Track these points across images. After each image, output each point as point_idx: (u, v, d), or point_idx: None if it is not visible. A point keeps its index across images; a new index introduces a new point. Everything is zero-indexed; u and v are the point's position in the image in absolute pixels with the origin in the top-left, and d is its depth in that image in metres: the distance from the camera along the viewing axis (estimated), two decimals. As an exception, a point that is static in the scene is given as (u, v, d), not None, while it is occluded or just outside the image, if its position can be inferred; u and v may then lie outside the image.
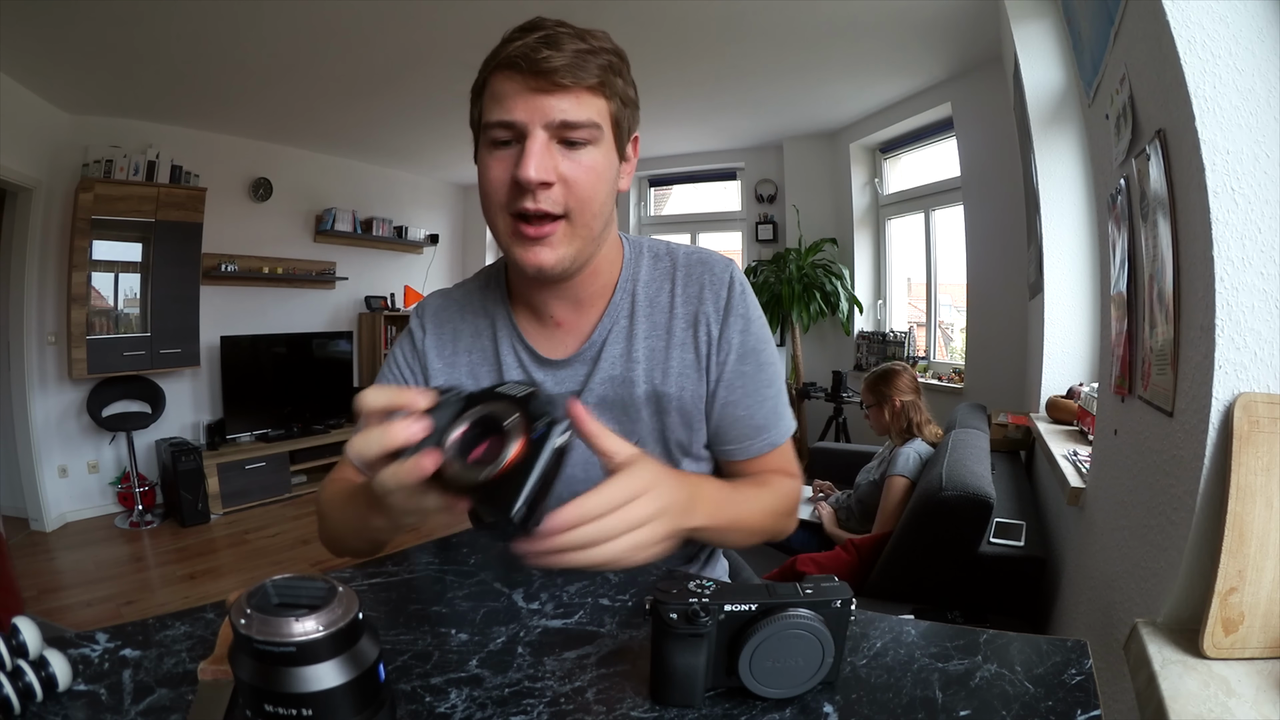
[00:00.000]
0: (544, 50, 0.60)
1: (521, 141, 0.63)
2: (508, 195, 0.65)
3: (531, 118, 0.62)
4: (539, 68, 0.61)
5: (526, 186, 0.63)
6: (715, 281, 0.76)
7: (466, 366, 0.78)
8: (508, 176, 0.64)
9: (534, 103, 0.62)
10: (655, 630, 0.44)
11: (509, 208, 0.65)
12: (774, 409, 0.78)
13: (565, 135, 0.63)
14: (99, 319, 3.74)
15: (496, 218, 0.67)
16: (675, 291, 0.76)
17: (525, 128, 0.62)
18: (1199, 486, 0.69)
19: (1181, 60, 0.72)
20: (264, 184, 4.58)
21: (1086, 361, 2.25)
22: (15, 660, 0.44)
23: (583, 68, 0.62)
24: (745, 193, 5.08)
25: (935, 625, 0.55)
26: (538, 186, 0.63)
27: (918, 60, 3.31)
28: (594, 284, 0.75)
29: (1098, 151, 1.30)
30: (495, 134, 0.64)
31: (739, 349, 0.75)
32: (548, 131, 0.63)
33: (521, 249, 0.67)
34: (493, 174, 0.65)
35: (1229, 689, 0.61)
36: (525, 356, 0.76)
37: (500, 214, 0.66)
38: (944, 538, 1.56)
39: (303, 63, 3.16)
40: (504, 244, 0.69)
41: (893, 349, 4.21)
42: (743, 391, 0.76)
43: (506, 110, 0.62)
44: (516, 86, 0.62)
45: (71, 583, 3.05)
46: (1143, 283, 0.96)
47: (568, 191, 0.64)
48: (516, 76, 0.62)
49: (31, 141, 3.40)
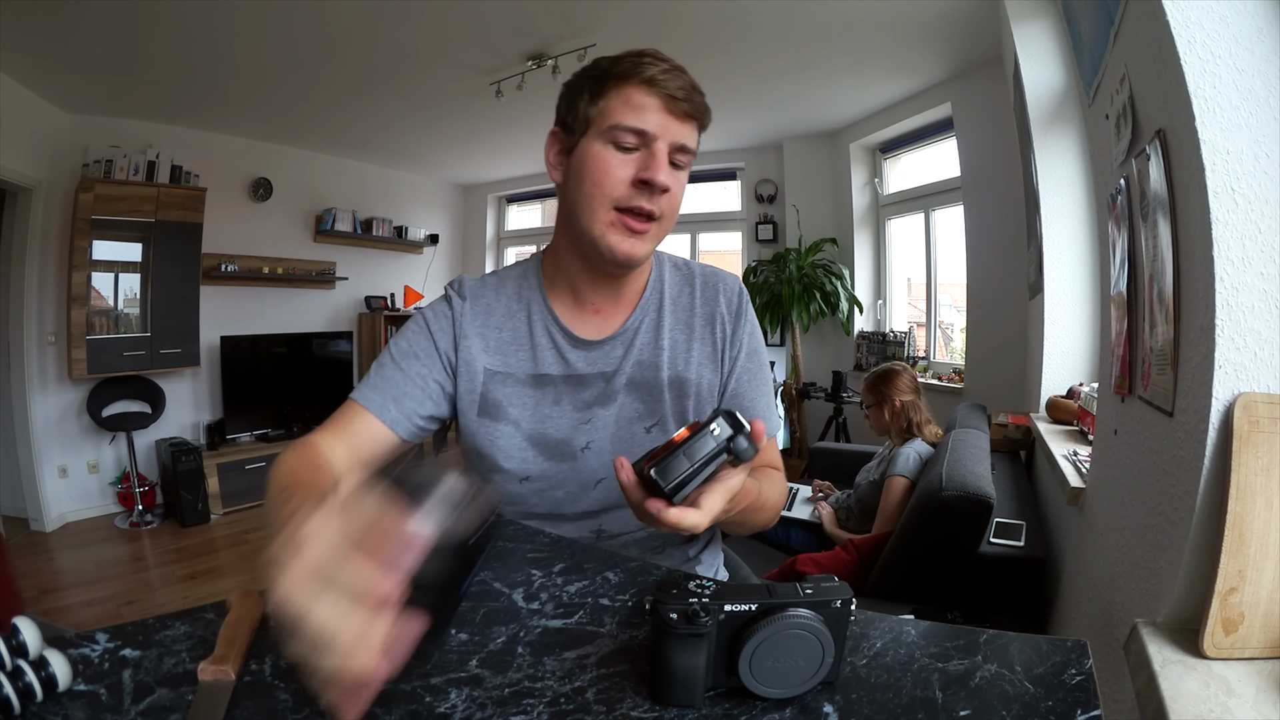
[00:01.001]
0: (679, 80, 0.72)
1: (643, 150, 0.73)
2: (624, 191, 0.73)
3: (664, 133, 0.72)
4: (676, 95, 0.72)
5: (655, 188, 0.72)
6: (728, 290, 0.88)
7: (496, 342, 0.83)
8: (628, 175, 0.73)
9: (666, 122, 0.72)
10: (655, 630, 0.44)
11: (621, 202, 0.73)
12: (768, 405, 0.89)
13: (676, 157, 0.74)
14: (99, 319, 3.74)
15: (598, 207, 0.74)
16: (695, 294, 0.87)
17: (655, 139, 0.72)
18: (1199, 486, 0.69)
19: (1181, 60, 0.72)
20: (264, 184, 4.58)
21: (1086, 361, 2.25)
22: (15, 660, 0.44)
23: (697, 105, 0.74)
24: (745, 193, 5.08)
25: (935, 625, 0.55)
26: (662, 191, 0.73)
27: (918, 60, 3.31)
28: (636, 280, 0.85)
29: (1098, 151, 1.30)
30: (624, 137, 0.72)
31: (748, 348, 0.88)
32: (670, 148, 0.73)
33: (619, 238, 0.74)
34: (613, 171, 0.73)
35: (1229, 689, 0.61)
36: (560, 337, 0.83)
37: (605, 205, 0.74)
38: (944, 538, 1.56)
39: (303, 63, 3.16)
40: (597, 232, 0.75)
41: (893, 349, 4.21)
42: (749, 384, 0.87)
43: (644, 120, 0.72)
44: (656, 104, 0.72)
45: (71, 583, 3.05)
46: (1143, 283, 0.96)
47: (668, 201, 0.75)
48: (658, 95, 0.72)
49: (31, 141, 3.40)
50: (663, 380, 0.83)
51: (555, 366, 0.82)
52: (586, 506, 0.83)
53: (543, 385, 0.82)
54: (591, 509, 0.83)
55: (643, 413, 0.83)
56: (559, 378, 0.82)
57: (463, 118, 4.09)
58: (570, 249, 0.81)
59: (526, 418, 0.82)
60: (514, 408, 0.82)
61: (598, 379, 0.83)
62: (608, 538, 0.83)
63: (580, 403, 0.82)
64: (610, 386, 0.83)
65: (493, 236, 6.35)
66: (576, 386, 0.82)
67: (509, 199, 6.30)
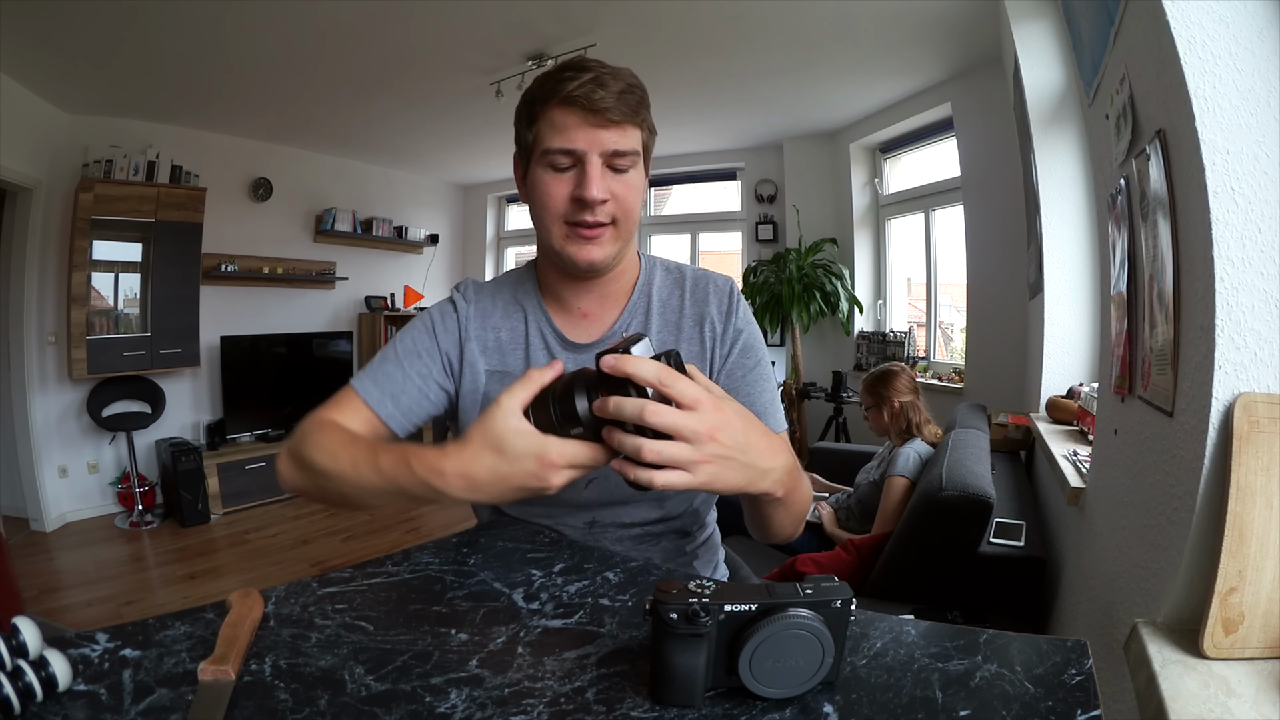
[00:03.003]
0: (598, 91, 0.72)
1: (578, 166, 0.75)
2: (567, 209, 0.76)
3: (590, 147, 0.74)
4: (596, 106, 0.72)
5: (590, 203, 0.74)
6: (718, 291, 0.89)
7: (495, 343, 0.87)
8: (567, 194, 0.76)
9: (592, 135, 0.74)
10: (655, 630, 0.44)
11: (567, 217, 0.77)
12: (771, 400, 0.87)
13: (614, 162, 0.75)
14: (99, 319, 3.74)
15: (552, 225, 0.78)
16: (684, 297, 0.89)
17: (585, 155, 0.74)
18: (1199, 486, 0.69)
19: (1181, 60, 0.72)
20: (264, 184, 4.58)
21: (1086, 361, 2.25)
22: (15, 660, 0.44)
23: (627, 106, 0.74)
24: (745, 193, 5.08)
25: (935, 625, 0.55)
26: (599, 204, 0.75)
27: (918, 60, 3.31)
28: (618, 282, 0.87)
29: (1098, 151, 1.30)
30: (556, 159, 0.75)
31: (741, 344, 0.87)
32: (602, 159, 0.74)
33: (576, 247, 0.78)
34: (553, 191, 0.76)
35: (1229, 689, 0.61)
36: (552, 339, 0.86)
37: (556, 222, 0.78)
38: (944, 538, 1.56)
39: (303, 63, 3.16)
40: (557, 246, 0.79)
41: (893, 349, 4.21)
42: (742, 380, 0.87)
43: (569, 140, 0.74)
44: (577, 120, 0.73)
45: (71, 583, 3.05)
46: (1143, 283, 0.96)
47: (616, 205, 0.77)
48: (576, 112, 0.73)
49: (31, 141, 3.40)
50: None
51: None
52: (581, 502, 0.84)
53: None
54: (586, 503, 0.85)
55: None
56: None
57: (463, 118, 4.09)
58: (546, 260, 0.86)
59: None
60: None
61: None
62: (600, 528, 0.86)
63: None
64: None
65: (493, 236, 6.35)
66: None
67: (509, 199, 6.30)
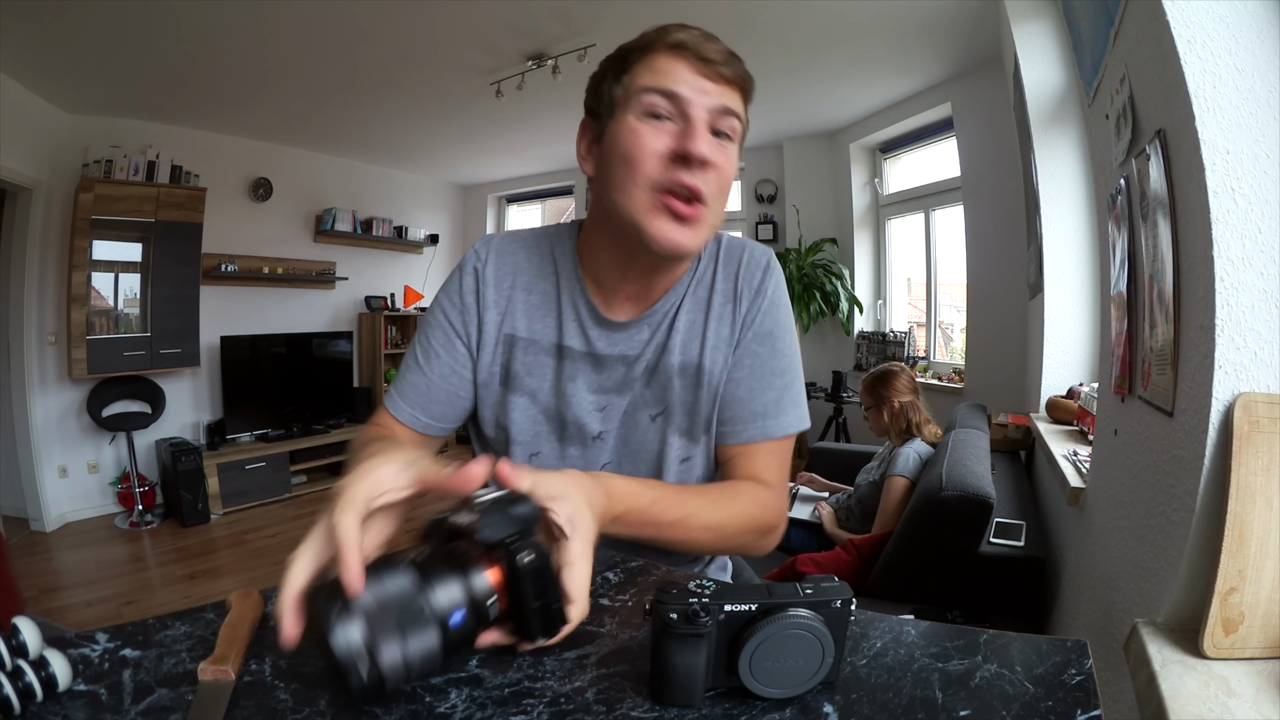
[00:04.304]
0: (710, 43, 0.63)
1: (679, 119, 0.63)
2: (662, 167, 0.63)
3: (698, 98, 0.63)
4: (709, 55, 0.62)
5: (696, 161, 0.62)
6: (753, 262, 0.77)
7: (524, 305, 0.76)
8: (664, 148, 0.63)
9: (701, 85, 0.63)
10: (655, 630, 0.44)
11: (660, 180, 0.63)
12: (777, 400, 0.76)
13: (718, 124, 0.64)
14: (99, 319, 3.74)
15: (635, 190, 0.64)
16: (717, 268, 0.77)
17: (690, 104, 0.63)
18: (1199, 486, 0.69)
19: (1181, 60, 0.72)
20: (264, 184, 4.58)
21: (1086, 361, 2.25)
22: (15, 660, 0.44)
23: (737, 68, 0.65)
24: (745, 193, 5.08)
25: (935, 625, 0.55)
26: (704, 165, 0.62)
27: (918, 60, 3.31)
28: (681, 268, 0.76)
29: (1098, 151, 1.30)
30: (653, 102, 0.63)
31: (757, 328, 0.76)
32: (709, 115, 0.63)
33: (665, 225, 0.64)
34: (645, 143, 0.63)
35: (1229, 689, 0.61)
36: (585, 311, 0.75)
37: (642, 186, 0.64)
38: (944, 538, 1.56)
39: (303, 63, 3.16)
40: (638, 217, 0.64)
41: (893, 349, 4.21)
42: (749, 371, 0.76)
43: (673, 82, 0.63)
44: (685, 67, 0.63)
45: (71, 583, 3.05)
46: (1143, 283, 0.96)
47: (718, 178, 0.65)
48: (685, 57, 0.63)
49: (31, 141, 3.40)
50: (672, 365, 0.75)
51: (577, 341, 0.75)
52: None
53: (563, 358, 0.76)
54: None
55: (650, 400, 0.76)
56: (579, 353, 0.75)
57: (463, 118, 4.09)
58: (607, 238, 0.72)
59: (544, 390, 0.76)
60: (532, 377, 0.76)
61: (618, 363, 0.76)
62: None
63: (596, 386, 0.76)
64: (630, 373, 0.76)
65: (493, 236, 6.34)
66: (595, 368, 0.76)
67: (509, 199, 6.30)
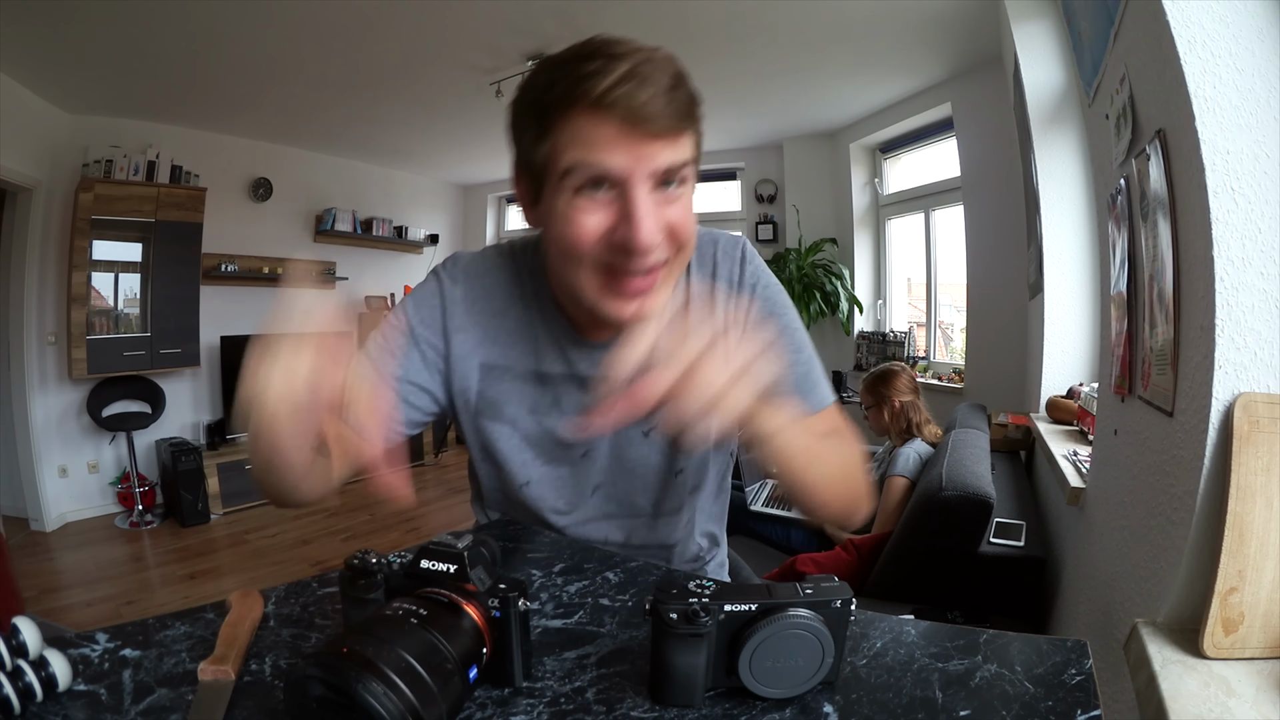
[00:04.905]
0: (641, 91, 0.53)
1: (617, 192, 0.56)
2: (604, 248, 0.58)
3: (635, 167, 0.55)
4: (641, 114, 0.53)
5: (640, 251, 0.56)
6: (727, 256, 0.75)
7: (497, 331, 0.73)
8: (603, 230, 0.57)
9: (637, 151, 0.55)
10: (655, 630, 0.44)
11: (607, 260, 0.58)
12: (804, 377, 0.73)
13: (665, 178, 0.58)
14: (99, 319, 3.74)
15: (579, 271, 0.59)
16: (692, 270, 0.75)
17: (628, 180, 0.55)
18: (1199, 486, 0.69)
19: (1181, 60, 0.72)
20: (264, 184, 4.58)
21: (1086, 361, 2.25)
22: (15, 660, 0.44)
23: (679, 107, 0.56)
24: (745, 193, 5.08)
25: (935, 625, 0.55)
26: (650, 250, 0.57)
27: (918, 60, 3.31)
28: None
29: (1098, 151, 1.30)
30: (587, 185, 0.56)
31: (754, 314, 0.74)
32: (651, 180, 0.56)
33: (620, 303, 0.60)
34: (582, 226, 0.57)
35: (1229, 689, 0.61)
36: (563, 335, 0.73)
37: (588, 269, 0.59)
38: (944, 538, 1.56)
39: (303, 63, 3.16)
40: (589, 299, 0.61)
41: (893, 349, 4.21)
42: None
43: (603, 154, 0.54)
44: (613, 133, 0.54)
45: (71, 583, 3.05)
46: (1143, 283, 0.96)
47: (672, 238, 0.59)
48: (613, 121, 0.54)
49: (31, 141, 3.40)
50: None
51: (557, 365, 0.74)
52: (585, 515, 0.79)
53: (543, 384, 0.74)
54: (590, 516, 0.79)
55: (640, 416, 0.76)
56: (559, 377, 0.74)
57: (463, 118, 4.09)
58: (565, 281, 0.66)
59: (524, 417, 0.75)
60: (511, 405, 0.75)
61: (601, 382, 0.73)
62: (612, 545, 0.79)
63: (581, 406, 0.74)
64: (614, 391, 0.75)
65: (492, 236, 6.34)
66: (578, 389, 0.74)
67: (509, 199, 6.30)
